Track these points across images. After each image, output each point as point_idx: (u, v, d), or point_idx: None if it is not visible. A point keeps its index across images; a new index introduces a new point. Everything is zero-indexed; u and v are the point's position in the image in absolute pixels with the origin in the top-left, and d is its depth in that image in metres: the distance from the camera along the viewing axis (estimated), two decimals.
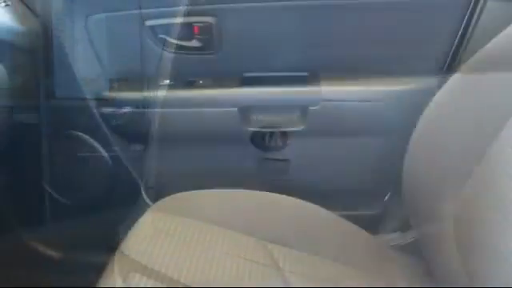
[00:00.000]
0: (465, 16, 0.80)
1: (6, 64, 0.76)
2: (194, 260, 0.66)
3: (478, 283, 0.49)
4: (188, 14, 0.84)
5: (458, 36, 0.82)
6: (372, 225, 0.89)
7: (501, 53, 0.62)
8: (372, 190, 0.95)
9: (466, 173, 0.63)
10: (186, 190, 0.81)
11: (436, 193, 0.68)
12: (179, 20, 0.85)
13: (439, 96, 0.70)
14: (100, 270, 0.69)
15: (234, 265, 0.68)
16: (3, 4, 0.75)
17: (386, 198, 0.97)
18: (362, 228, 0.81)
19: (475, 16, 0.79)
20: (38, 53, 0.83)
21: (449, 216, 0.65)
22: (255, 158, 0.96)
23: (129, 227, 0.73)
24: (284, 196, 0.81)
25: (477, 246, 0.53)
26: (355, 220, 0.81)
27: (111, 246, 0.70)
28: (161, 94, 0.89)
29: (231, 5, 0.83)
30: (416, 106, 0.71)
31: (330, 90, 0.87)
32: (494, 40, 0.63)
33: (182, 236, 0.70)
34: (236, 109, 0.89)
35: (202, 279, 0.64)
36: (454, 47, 0.83)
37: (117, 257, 0.67)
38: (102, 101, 0.91)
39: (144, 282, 0.62)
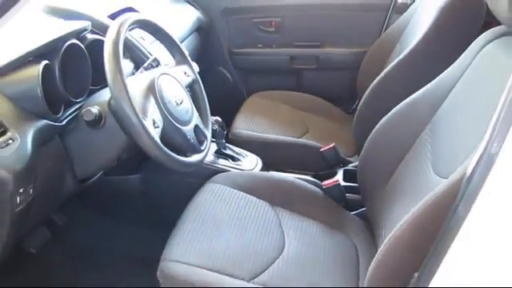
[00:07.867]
0: (385, 20, 1.89)
1: (198, 34, 1.90)
2: (269, 116, 1.75)
3: None
4: (269, 16, 1.96)
5: (383, 29, 1.91)
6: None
7: (391, 37, 1.71)
8: (347, 95, 2.03)
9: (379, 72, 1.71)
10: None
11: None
12: (266, 19, 1.97)
13: (369, 52, 1.80)
14: None
15: (288, 115, 1.81)
16: (195, 7, 1.90)
17: (355, 104, 2.06)
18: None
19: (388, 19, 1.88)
20: (206, 29, 1.96)
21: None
22: (295, 78, 2.07)
23: (236, 110, 1.82)
24: (310, 95, 1.89)
25: None
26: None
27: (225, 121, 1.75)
28: (256, 50, 2.02)
29: (287, 13, 1.94)
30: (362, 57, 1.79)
31: (329, 50, 1.94)
32: (388, 30, 1.73)
33: (265, 107, 1.79)
34: (288, 57, 1.98)
35: (274, 122, 1.76)
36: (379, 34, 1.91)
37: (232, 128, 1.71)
38: (229, 52, 2.04)
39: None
